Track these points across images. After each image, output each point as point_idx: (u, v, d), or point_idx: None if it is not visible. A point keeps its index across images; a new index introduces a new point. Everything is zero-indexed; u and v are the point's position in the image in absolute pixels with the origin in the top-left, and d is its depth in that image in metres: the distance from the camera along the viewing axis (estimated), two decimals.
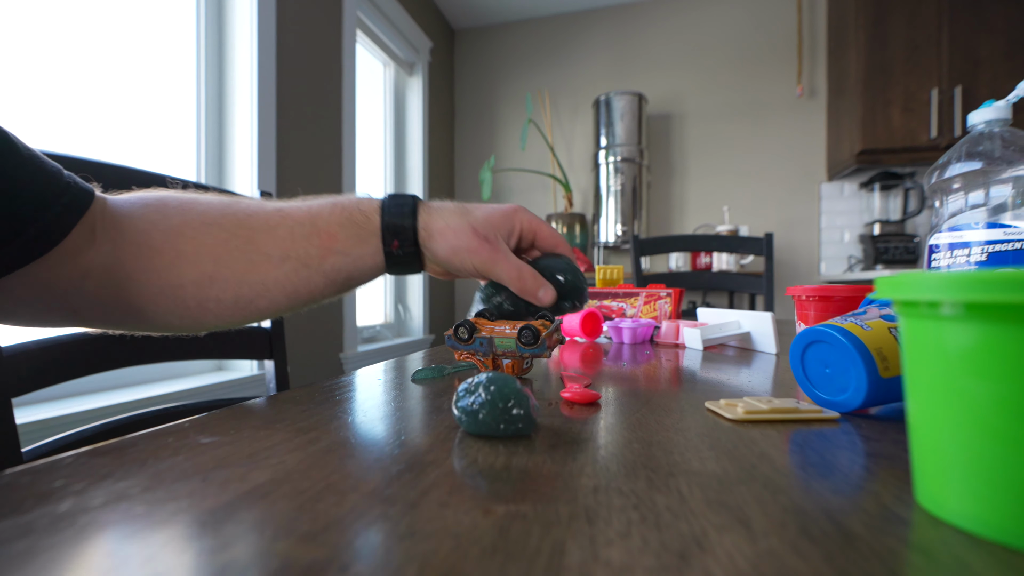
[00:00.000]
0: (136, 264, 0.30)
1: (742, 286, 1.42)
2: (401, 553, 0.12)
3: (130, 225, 0.31)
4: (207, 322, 0.33)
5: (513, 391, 0.22)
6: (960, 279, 0.13)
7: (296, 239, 0.32)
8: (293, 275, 0.32)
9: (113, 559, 0.12)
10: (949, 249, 0.33)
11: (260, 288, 0.32)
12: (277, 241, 0.32)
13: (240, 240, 0.32)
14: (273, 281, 0.32)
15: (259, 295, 0.33)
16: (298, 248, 0.32)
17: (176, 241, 0.31)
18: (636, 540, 0.13)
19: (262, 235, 0.32)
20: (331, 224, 0.33)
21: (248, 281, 0.32)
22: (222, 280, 0.32)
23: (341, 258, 0.33)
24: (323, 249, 0.32)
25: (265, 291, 0.32)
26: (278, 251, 0.32)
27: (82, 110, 0.99)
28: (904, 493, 0.16)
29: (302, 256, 0.32)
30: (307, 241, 0.32)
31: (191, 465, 0.18)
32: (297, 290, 0.33)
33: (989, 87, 1.91)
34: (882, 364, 0.25)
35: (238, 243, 0.32)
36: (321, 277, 0.33)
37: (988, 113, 0.33)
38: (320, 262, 0.33)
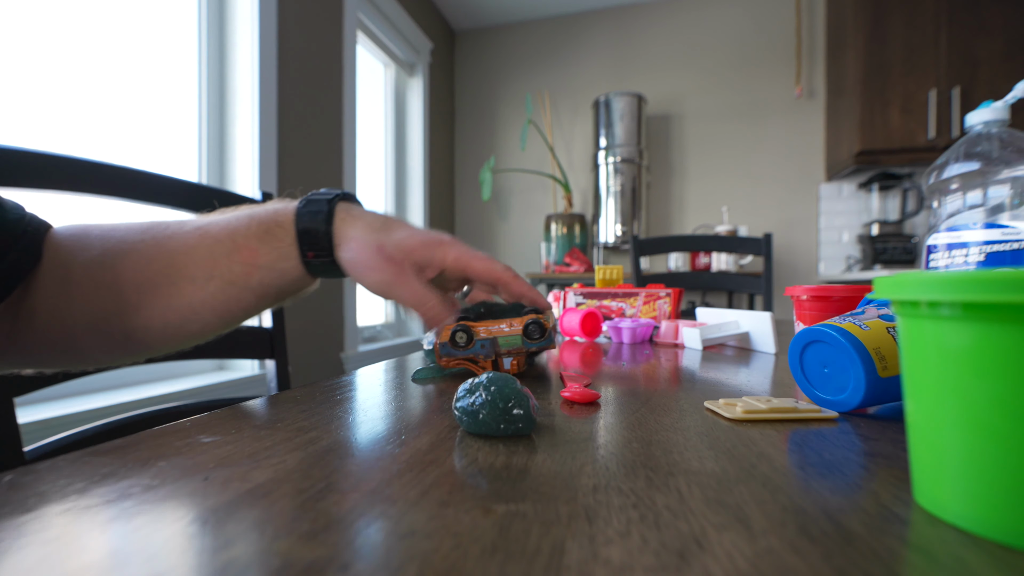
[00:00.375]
0: (57, 301, 0.29)
1: (741, 286, 1.43)
2: (401, 552, 0.12)
3: (53, 259, 0.29)
4: (139, 352, 0.32)
5: (513, 391, 0.22)
6: (958, 279, 0.13)
7: (217, 258, 0.31)
8: (220, 294, 0.31)
9: (115, 558, 0.12)
10: (947, 249, 0.33)
11: (188, 312, 0.31)
12: (198, 261, 0.31)
13: (160, 264, 0.30)
14: (200, 303, 0.31)
15: (187, 319, 0.31)
16: (220, 267, 0.31)
17: (95, 272, 0.29)
18: (636, 539, 0.13)
19: (182, 257, 0.31)
20: (250, 239, 0.31)
21: (173, 306, 0.30)
22: (146, 308, 0.30)
23: (267, 272, 0.32)
24: (247, 266, 0.31)
25: (193, 314, 0.31)
26: (201, 272, 0.31)
27: (84, 110, 0.99)
28: (902, 492, 0.16)
29: (226, 275, 0.31)
30: (229, 259, 0.31)
31: (192, 464, 0.18)
32: (228, 309, 0.32)
33: (987, 88, 1.91)
34: (880, 364, 0.25)
35: (157, 267, 0.30)
36: (250, 294, 0.32)
37: (986, 114, 0.33)
38: (246, 279, 0.31)
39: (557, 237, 2.37)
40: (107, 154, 1.03)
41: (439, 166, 2.64)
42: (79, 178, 0.45)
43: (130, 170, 0.49)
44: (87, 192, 0.46)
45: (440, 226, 2.64)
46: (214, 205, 0.60)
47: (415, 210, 2.42)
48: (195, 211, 0.58)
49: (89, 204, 0.48)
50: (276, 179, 1.38)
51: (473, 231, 2.83)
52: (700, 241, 1.45)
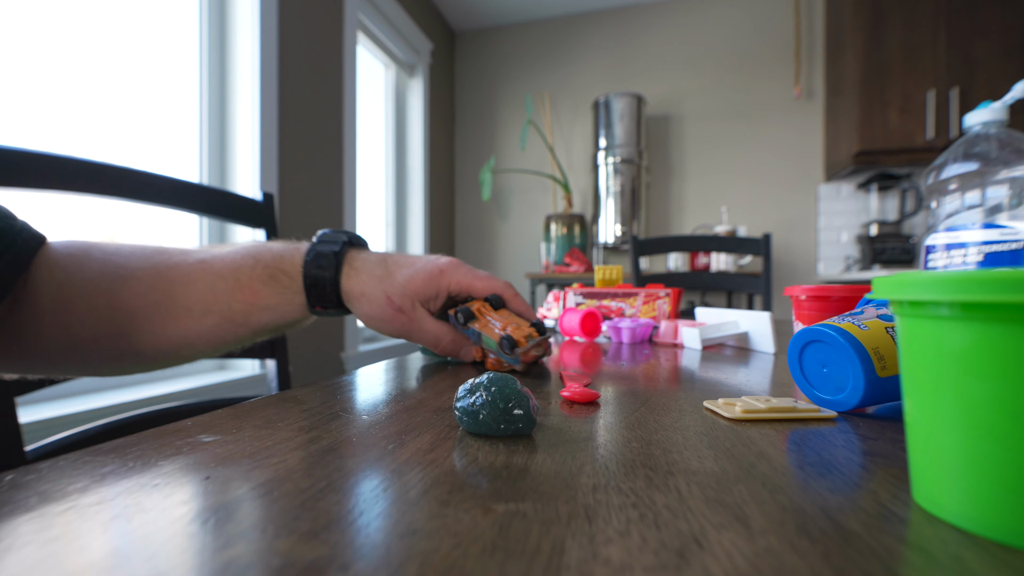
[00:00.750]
0: (49, 320, 0.29)
1: (740, 286, 1.43)
2: (402, 551, 0.12)
3: (48, 277, 0.29)
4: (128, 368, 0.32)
5: (514, 391, 0.22)
6: (956, 279, 0.13)
7: (218, 293, 0.31)
8: (217, 329, 0.32)
9: (115, 557, 0.12)
10: (946, 249, 0.33)
11: (182, 341, 0.31)
12: (197, 295, 0.31)
13: (158, 293, 0.30)
14: (196, 335, 0.31)
15: (181, 348, 0.31)
16: (220, 303, 0.31)
17: (91, 295, 0.29)
18: (635, 538, 0.13)
19: (181, 288, 0.31)
20: (253, 280, 0.32)
21: (168, 335, 0.31)
22: (139, 333, 0.30)
23: (266, 313, 0.32)
24: (247, 305, 0.32)
25: (187, 344, 0.31)
26: (198, 306, 0.31)
27: (85, 111, 0.98)
28: (901, 492, 0.16)
29: (225, 312, 0.31)
30: (230, 296, 0.31)
31: (193, 464, 0.18)
32: (223, 341, 0.32)
33: (985, 88, 1.92)
34: (879, 363, 0.25)
35: (156, 296, 0.30)
36: (246, 330, 0.32)
37: (984, 114, 0.33)
38: (245, 317, 0.32)
39: (557, 237, 2.37)
40: (107, 154, 1.03)
41: (439, 166, 2.64)
42: (79, 178, 0.45)
43: (130, 170, 0.49)
44: (87, 192, 0.46)
45: (440, 226, 2.64)
46: (215, 206, 0.60)
47: (415, 210, 2.42)
48: (195, 211, 0.58)
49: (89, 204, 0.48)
50: (276, 179, 1.38)
51: (473, 231, 2.83)
52: (699, 241, 1.45)
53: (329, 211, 1.67)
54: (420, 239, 2.38)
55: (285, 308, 0.33)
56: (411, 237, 2.40)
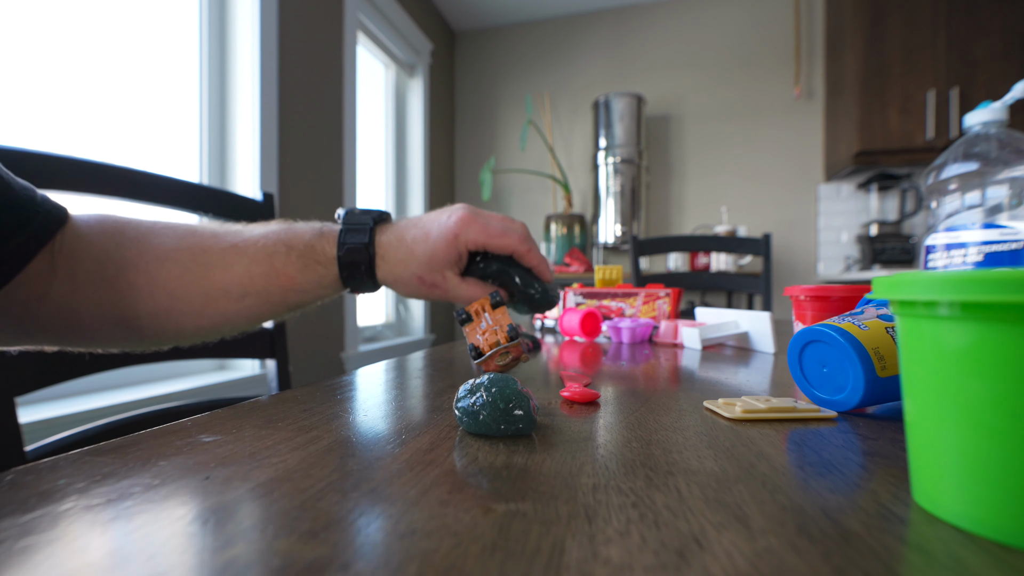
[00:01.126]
0: (90, 294, 0.30)
1: (740, 286, 1.43)
2: (402, 551, 0.12)
3: (86, 253, 0.30)
4: (168, 342, 0.34)
5: (514, 392, 0.22)
6: (956, 279, 0.13)
7: (254, 278, 0.33)
8: (255, 308, 0.34)
9: (115, 557, 0.12)
10: (946, 249, 0.33)
11: (220, 319, 0.33)
12: (234, 278, 0.32)
13: (195, 275, 0.32)
14: (235, 313, 0.33)
15: (220, 324, 0.34)
16: (256, 286, 0.33)
17: (129, 274, 0.31)
18: (635, 538, 0.13)
19: (218, 272, 0.32)
20: (288, 267, 0.33)
21: (207, 314, 0.33)
22: (179, 313, 0.32)
23: (303, 295, 0.35)
24: (284, 289, 0.34)
25: (226, 321, 0.33)
26: (236, 288, 0.33)
27: (85, 111, 0.98)
28: (901, 492, 0.16)
29: (262, 294, 0.33)
30: (267, 281, 0.33)
31: (193, 464, 0.18)
32: (260, 316, 0.35)
33: (985, 89, 1.92)
34: (879, 363, 0.25)
35: (192, 278, 0.32)
36: (283, 308, 0.35)
37: (984, 115, 0.33)
38: (283, 298, 0.34)
39: (557, 237, 2.37)
40: (108, 154, 1.03)
41: (439, 166, 2.64)
42: (79, 178, 0.45)
43: (130, 170, 0.49)
44: (87, 192, 0.46)
45: None
46: (215, 205, 0.60)
47: (415, 211, 2.42)
48: (196, 211, 0.58)
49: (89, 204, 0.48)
50: (277, 179, 1.38)
51: None
52: (699, 241, 1.45)
53: (329, 211, 1.67)
54: None
55: (320, 290, 0.35)
56: None
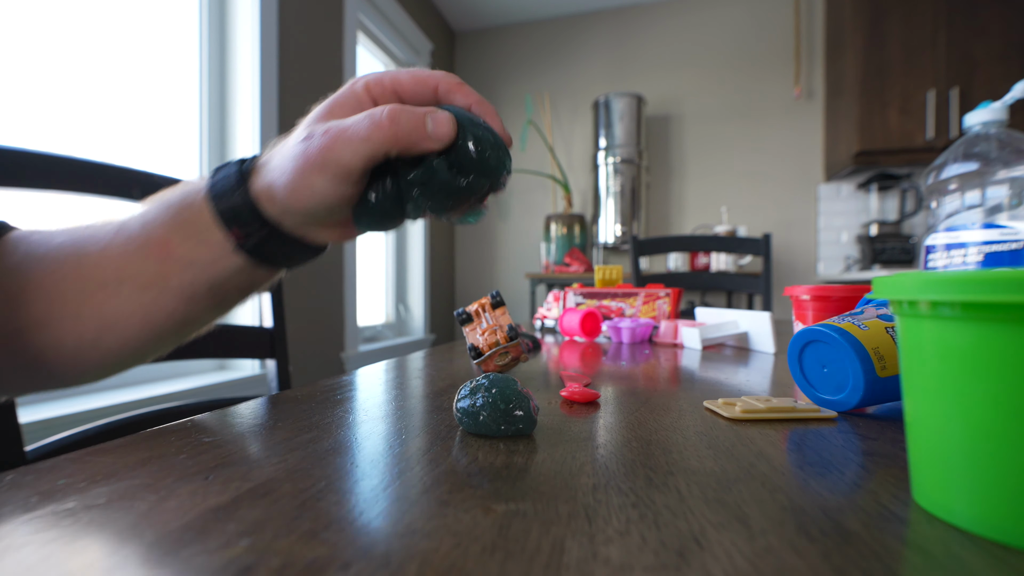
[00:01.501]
0: None
1: (740, 286, 1.43)
2: (402, 551, 0.12)
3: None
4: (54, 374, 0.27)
5: (514, 392, 0.22)
6: (957, 279, 0.13)
7: (129, 257, 0.25)
8: (135, 301, 0.26)
9: (115, 557, 0.12)
10: (946, 249, 0.33)
11: (99, 323, 0.26)
12: (108, 262, 0.25)
13: (68, 268, 0.26)
14: (113, 312, 0.26)
15: (102, 332, 0.26)
16: (132, 267, 0.25)
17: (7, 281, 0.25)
18: (635, 538, 0.13)
19: (93, 258, 0.26)
20: (160, 228, 0.25)
21: (83, 316, 0.25)
22: (55, 320, 0.25)
23: (188, 270, 0.25)
24: (160, 262, 0.25)
25: (107, 326, 0.26)
26: (112, 275, 0.25)
27: (84, 110, 0.98)
28: (901, 492, 0.16)
29: (137, 277, 0.25)
30: (140, 256, 0.25)
31: (193, 464, 0.18)
32: (149, 319, 0.26)
33: (985, 89, 1.92)
34: (879, 363, 0.25)
35: (66, 271, 0.25)
36: (172, 297, 0.26)
37: (984, 115, 0.33)
38: (163, 280, 0.25)
39: (557, 237, 2.37)
40: (107, 154, 1.03)
41: None
42: (79, 178, 0.45)
43: (130, 170, 0.49)
44: (87, 192, 0.46)
45: (440, 227, 2.64)
46: None
47: None
48: None
49: (89, 204, 0.48)
50: None
51: (473, 231, 2.83)
52: (699, 241, 1.45)
53: None
54: (420, 239, 2.38)
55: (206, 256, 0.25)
56: (411, 237, 2.40)
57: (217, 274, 0.26)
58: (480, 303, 0.37)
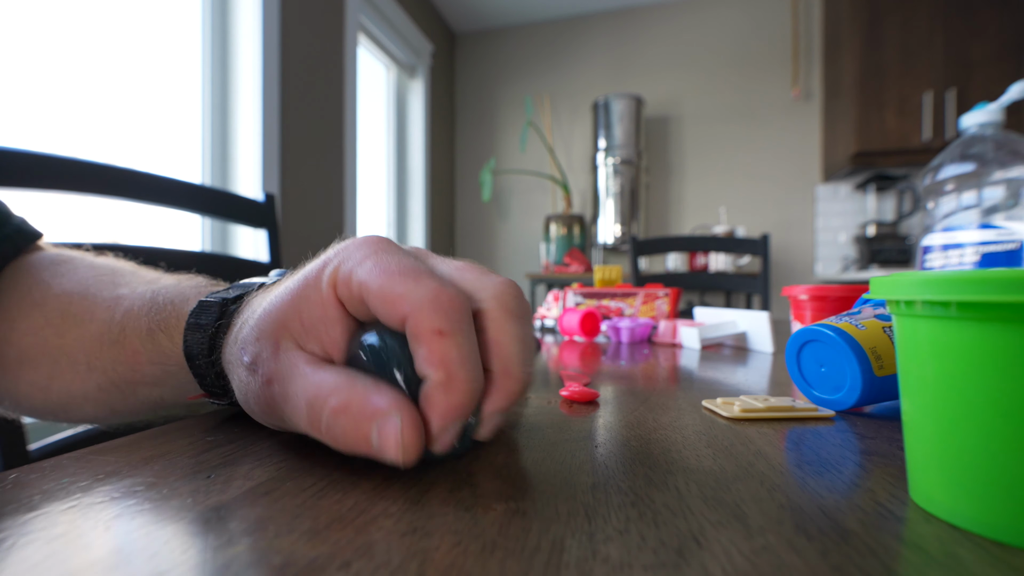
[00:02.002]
0: None
1: (739, 286, 1.43)
2: (402, 550, 0.12)
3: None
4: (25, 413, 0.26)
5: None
6: (954, 279, 0.13)
7: (103, 345, 0.23)
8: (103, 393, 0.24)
9: (118, 555, 0.12)
10: (943, 250, 0.33)
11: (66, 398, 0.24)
12: (84, 342, 0.23)
13: (51, 332, 0.24)
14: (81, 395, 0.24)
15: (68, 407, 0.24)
16: (104, 358, 0.23)
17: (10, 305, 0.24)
18: (634, 537, 0.13)
19: (73, 330, 0.23)
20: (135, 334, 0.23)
21: (52, 388, 0.24)
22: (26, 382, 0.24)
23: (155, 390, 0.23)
24: (128, 368, 0.23)
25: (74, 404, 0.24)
26: (83, 356, 0.23)
27: (87, 111, 0.98)
28: (899, 490, 0.16)
29: (108, 372, 0.23)
30: (112, 351, 0.23)
31: (195, 463, 0.18)
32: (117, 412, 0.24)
33: (982, 90, 1.92)
34: (876, 363, 0.25)
35: (48, 335, 0.24)
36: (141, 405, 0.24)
37: (980, 116, 0.33)
38: (132, 388, 0.23)
39: (556, 238, 2.38)
40: (108, 154, 1.03)
41: (440, 167, 2.64)
42: (79, 178, 0.45)
43: (131, 171, 0.49)
44: (87, 192, 0.46)
45: (441, 227, 2.64)
46: (216, 206, 0.60)
47: (415, 211, 2.42)
48: (197, 212, 0.58)
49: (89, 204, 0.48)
50: (278, 180, 1.38)
51: (473, 232, 2.83)
52: (698, 241, 1.45)
53: (330, 212, 1.67)
54: (420, 240, 2.38)
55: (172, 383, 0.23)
56: (411, 238, 2.40)
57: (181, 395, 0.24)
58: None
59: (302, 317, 0.17)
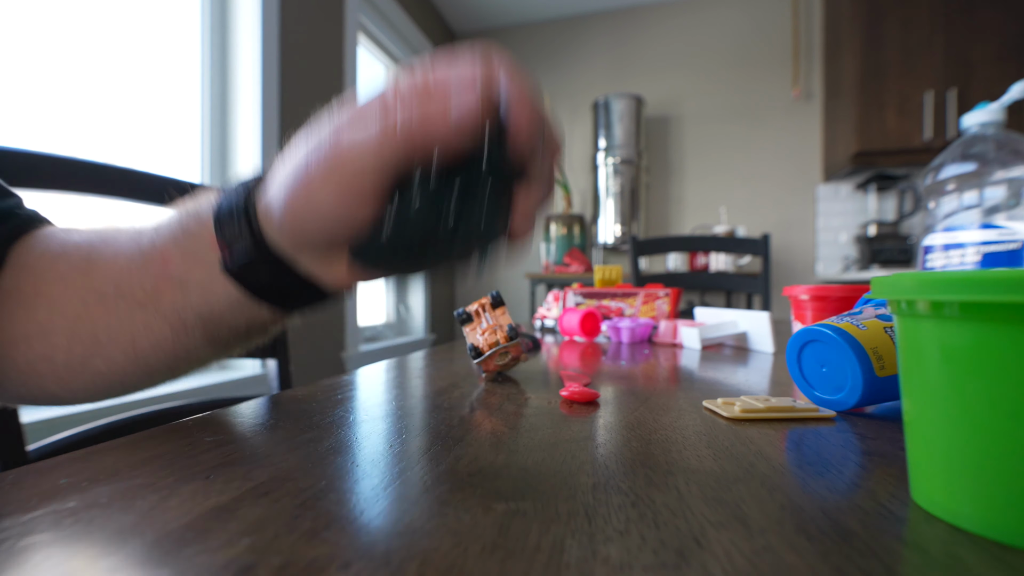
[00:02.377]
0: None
1: (739, 286, 1.43)
2: (402, 550, 0.12)
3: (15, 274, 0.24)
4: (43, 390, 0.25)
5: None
6: (955, 279, 0.13)
7: (132, 270, 0.23)
8: (128, 321, 0.23)
9: (116, 556, 0.12)
10: (944, 250, 0.33)
11: (91, 342, 0.23)
12: (112, 273, 0.23)
13: (77, 273, 0.23)
14: (105, 330, 0.23)
15: (91, 353, 0.23)
16: (131, 281, 0.23)
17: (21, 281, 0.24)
18: (635, 537, 0.13)
19: (101, 266, 0.23)
20: (165, 241, 0.23)
21: (79, 332, 0.23)
22: (54, 331, 0.23)
23: (179, 291, 0.23)
24: (157, 279, 0.22)
25: (98, 347, 0.23)
26: (112, 287, 0.23)
27: (86, 111, 0.98)
28: (900, 491, 0.16)
29: (134, 292, 0.23)
30: (141, 270, 0.23)
31: (194, 463, 0.18)
32: (137, 344, 0.23)
33: (983, 90, 1.92)
34: (878, 363, 0.25)
35: (75, 277, 0.23)
36: (162, 322, 0.23)
37: (981, 116, 0.33)
38: (156, 299, 0.23)
39: (556, 237, 2.38)
40: (108, 154, 1.03)
41: None
42: (79, 178, 0.45)
43: (130, 170, 0.49)
44: (87, 192, 0.46)
45: None
46: None
47: None
48: None
49: (89, 204, 0.48)
50: None
51: None
52: (698, 241, 1.45)
53: None
54: None
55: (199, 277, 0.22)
56: None
57: (208, 301, 0.23)
58: (480, 303, 0.37)
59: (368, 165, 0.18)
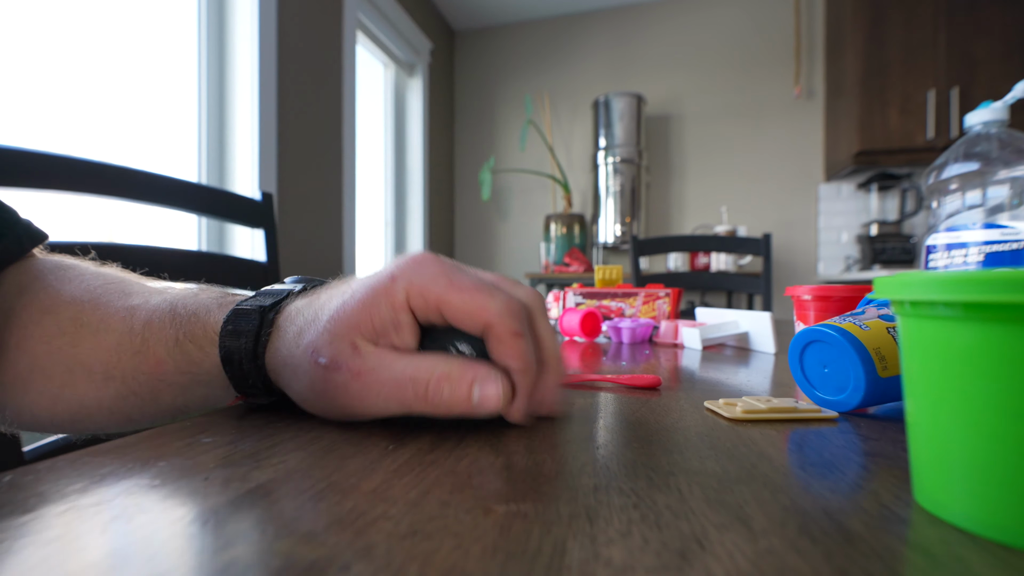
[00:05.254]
0: None
1: (740, 286, 1.43)
2: (402, 552, 0.12)
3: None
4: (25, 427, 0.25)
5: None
6: (958, 279, 0.13)
7: (122, 355, 0.23)
8: (120, 402, 0.24)
9: (115, 558, 0.12)
10: (946, 249, 0.33)
11: (77, 408, 0.24)
12: (100, 352, 0.23)
13: (65, 340, 0.24)
14: (94, 403, 0.24)
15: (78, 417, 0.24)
16: (124, 367, 0.23)
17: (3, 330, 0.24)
18: (637, 539, 0.13)
19: (89, 339, 0.24)
20: (158, 345, 0.23)
21: (63, 398, 0.24)
22: (35, 391, 0.24)
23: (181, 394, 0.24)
24: (152, 378, 0.23)
25: (86, 414, 0.24)
26: (100, 366, 0.23)
27: (84, 110, 0.98)
28: (903, 492, 0.16)
29: (128, 381, 0.24)
30: (134, 361, 0.23)
31: (193, 464, 0.18)
32: (130, 418, 0.25)
33: (986, 88, 1.92)
34: (880, 364, 0.25)
35: (62, 344, 0.24)
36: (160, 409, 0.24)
37: (985, 114, 0.33)
38: (153, 394, 0.24)
39: (557, 237, 2.37)
40: (107, 154, 1.03)
41: (439, 166, 2.64)
42: (79, 178, 0.45)
43: (129, 170, 0.49)
44: (87, 192, 0.46)
45: (440, 226, 2.64)
46: (214, 205, 0.60)
47: (415, 210, 2.42)
48: (194, 211, 0.58)
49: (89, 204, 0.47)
50: (276, 179, 1.38)
51: (473, 231, 2.83)
52: (699, 241, 1.45)
53: (328, 211, 1.67)
54: (420, 239, 2.38)
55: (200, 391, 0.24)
56: (411, 237, 2.40)
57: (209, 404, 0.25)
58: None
59: (373, 321, 0.20)
